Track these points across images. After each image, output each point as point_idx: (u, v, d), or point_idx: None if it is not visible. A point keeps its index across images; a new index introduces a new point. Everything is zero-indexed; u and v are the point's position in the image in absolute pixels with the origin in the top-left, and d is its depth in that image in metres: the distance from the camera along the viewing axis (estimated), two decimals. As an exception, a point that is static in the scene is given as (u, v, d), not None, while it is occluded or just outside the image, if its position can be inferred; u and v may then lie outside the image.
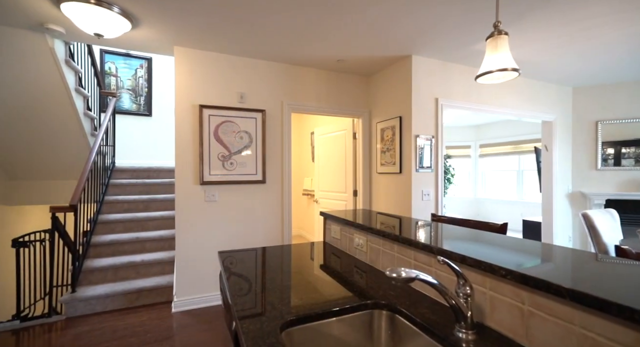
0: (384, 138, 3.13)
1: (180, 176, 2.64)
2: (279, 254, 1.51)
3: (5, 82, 2.79)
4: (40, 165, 3.71)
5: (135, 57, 5.08)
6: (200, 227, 2.71)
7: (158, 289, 2.85)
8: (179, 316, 2.54)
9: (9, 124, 3.16)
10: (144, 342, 2.15)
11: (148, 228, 3.46)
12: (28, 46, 2.52)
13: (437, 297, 0.98)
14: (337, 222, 1.67)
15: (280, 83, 3.02)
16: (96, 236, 3.18)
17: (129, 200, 3.60)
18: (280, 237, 3.03)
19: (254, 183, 2.88)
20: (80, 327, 2.37)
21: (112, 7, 1.96)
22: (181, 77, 2.64)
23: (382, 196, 3.19)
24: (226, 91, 2.79)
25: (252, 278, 1.18)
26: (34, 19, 2.20)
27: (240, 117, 2.81)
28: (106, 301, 2.68)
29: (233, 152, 2.78)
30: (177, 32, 2.36)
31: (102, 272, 2.88)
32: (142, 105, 5.14)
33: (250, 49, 2.67)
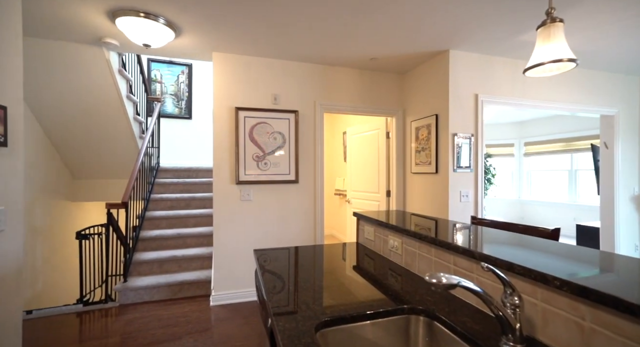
0: (419, 137, 3.02)
1: (217, 175, 2.77)
2: (311, 254, 1.52)
3: (69, 92, 3.11)
4: (97, 165, 4.09)
5: (177, 64, 5.41)
6: (236, 225, 2.82)
7: (198, 282, 3.01)
8: (217, 309, 2.66)
9: (72, 129, 3.53)
10: (186, 332, 2.28)
11: (188, 225, 3.67)
12: (88, 59, 2.79)
13: (479, 305, 0.92)
14: (370, 223, 1.64)
15: (313, 83, 3.04)
16: (144, 231, 3.44)
17: (171, 198, 3.85)
18: (312, 236, 3.05)
19: (287, 183, 2.94)
20: (131, 314, 2.58)
21: (158, 18, 2.10)
22: (219, 81, 2.76)
23: (417, 196, 3.09)
24: (261, 93, 2.87)
25: (286, 277, 1.20)
26: (93, 34, 2.43)
27: (274, 118, 2.87)
28: (152, 291, 2.89)
29: (267, 153, 2.86)
30: (215, 38, 2.47)
31: (149, 265, 3.10)
32: (183, 108, 5.46)
33: (283, 51, 2.72)
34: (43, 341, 2.19)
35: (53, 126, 3.46)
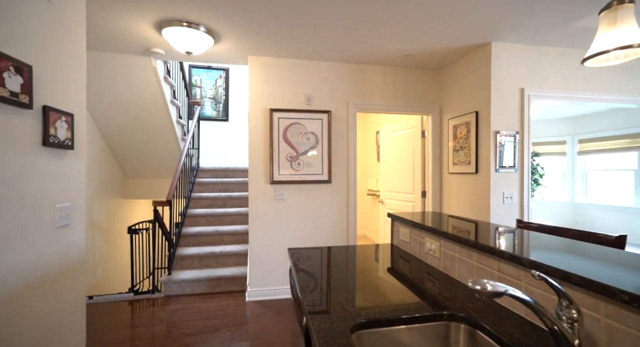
0: (457, 135, 2.88)
1: (253, 175, 2.86)
2: (344, 255, 1.51)
3: (121, 98, 3.40)
4: (145, 165, 4.43)
5: (215, 68, 5.69)
6: (270, 223, 2.89)
7: (234, 278, 3.14)
8: (252, 305, 2.76)
9: (124, 133, 3.86)
10: (223, 325, 2.39)
11: (225, 223, 3.84)
12: (138, 68, 3.03)
13: (528, 316, 0.85)
14: (406, 225, 1.59)
15: (346, 83, 3.02)
16: (185, 227, 3.65)
17: (210, 197, 4.05)
18: (345, 236, 3.04)
19: (320, 183, 2.95)
20: (174, 305, 2.76)
21: (199, 27, 2.22)
22: (254, 84, 2.86)
23: (455, 198, 2.94)
24: (294, 94, 2.92)
25: (320, 277, 1.20)
26: (142, 45, 2.64)
27: (307, 119, 2.90)
28: (193, 284, 3.06)
29: (300, 153, 2.90)
30: (251, 43, 2.55)
31: (190, 260, 3.29)
32: (221, 111, 5.73)
33: (316, 52, 2.74)
34: (101, 323, 2.42)
35: (109, 130, 3.81)
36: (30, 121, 1.19)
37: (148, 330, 2.32)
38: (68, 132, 1.37)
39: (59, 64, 1.35)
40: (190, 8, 2.01)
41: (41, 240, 1.26)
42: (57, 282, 1.36)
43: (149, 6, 2.00)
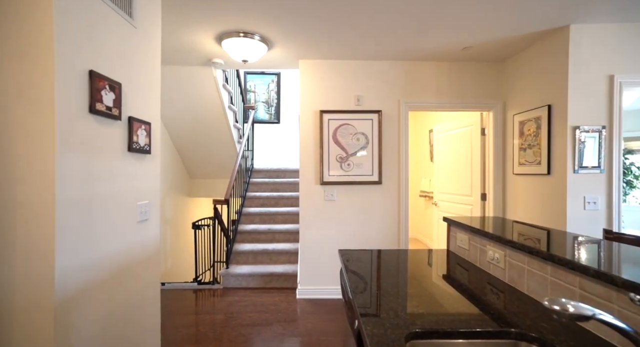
0: (524, 132, 2.59)
1: (303, 176, 2.93)
2: (395, 258, 1.47)
3: (185, 106, 3.77)
4: (206, 166, 4.84)
5: (268, 73, 5.97)
6: (320, 224, 2.93)
7: (285, 275, 3.25)
8: (303, 302, 2.83)
9: (187, 137, 4.26)
10: (276, 319, 2.49)
11: (277, 221, 4.00)
12: (200, 78, 3.32)
13: (620, 344, 0.73)
14: (464, 231, 1.49)
15: (397, 82, 2.93)
16: (241, 224, 3.90)
17: (263, 196, 4.26)
18: (396, 239, 2.95)
19: (370, 184, 2.91)
20: (232, 297, 2.96)
21: (254, 36, 2.36)
22: (305, 87, 2.93)
23: (521, 201, 2.66)
24: (344, 95, 2.92)
25: (370, 280, 1.18)
26: (204, 57, 2.89)
27: (356, 119, 2.89)
28: (248, 279, 3.25)
29: (350, 154, 2.89)
30: (301, 47, 2.62)
31: (245, 255, 3.51)
32: (273, 114, 5.99)
33: (366, 51, 2.71)
34: (171, 308, 2.70)
35: (176, 135, 4.24)
36: (119, 130, 1.38)
37: (209, 317, 2.53)
38: (146, 139, 1.56)
39: (141, 80, 1.55)
40: (247, 19, 2.14)
41: (127, 232, 1.46)
42: (138, 269, 1.56)
43: (212, 22, 2.18)
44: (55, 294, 1.08)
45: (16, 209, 1.07)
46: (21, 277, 1.07)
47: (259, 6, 1.97)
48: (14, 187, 1.07)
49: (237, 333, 2.27)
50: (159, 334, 1.78)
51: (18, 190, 1.07)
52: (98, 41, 1.25)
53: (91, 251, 1.24)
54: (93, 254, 1.25)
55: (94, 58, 1.23)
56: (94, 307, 1.26)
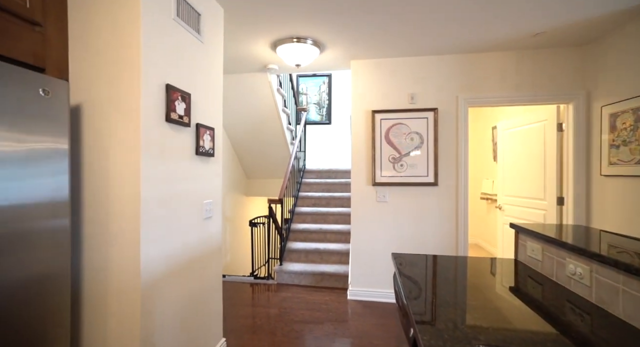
0: (617, 127, 2.22)
1: (355, 177, 2.92)
2: (452, 265, 1.38)
3: (242, 110, 4.03)
4: (261, 167, 5.12)
5: (319, 75, 6.08)
6: (372, 225, 2.89)
7: (336, 275, 3.28)
8: (354, 303, 2.82)
9: (244, 139, 4.56)
10: (327, 318, 2.52)
11: (328, 221, 4.05)
12: (256, 83, 3.53)
13: None
14: (537, 239, 1.33)
15: (454, 77, 2.75)
16: (293, 223, 4.04)
17: (314, 197, 4.35)
18: (453, 245, 2.76)
19: (425, 185, 2.77)
20: (285, 293, 3.08)
21: (306, 40, 2.42)
22: (356, 87, 2.91)
23: (611, 208, 2.28)
24: (397, 94, 2.84)
25: (425, 286, 1.13)
26: (260, 63, 3.06)
27: (410, 118, 2.78)
28: (300, 276, 3.35)
29: (403, 154, 2.79)
30: (353, 48, 2.61)
31: (297, 253, 3.62)
32: (324, 115, 6.08)
33: (419, 47, 2.59)
34: (230, 299, 2.92)
35: (234, 138, 4.57)
36: (188, 136, 1.54)
37: (264, 311, 2.67)
38: (210, 143, 1.71)
39: (206, 89, 1.71)
40: (299, 25, 2.21)
41: (196, 227, 1.62)
42: (205, 261, 1.72)
43: (267, 30, 2.30)
44: (141, 279, 1.24)
45: (111, 204, 1.26)
46: (116, 263, 1.26)
47: (311, 11, 2.02)
48: (110, 186, 1.26)
49: (289, 328, 2.36)
50: (222, 320, 1.94)
51: (113, 190, 1.26)
52: (173, 57, 1.42)
53: (167, 242, 1.40)
54: (169, 246, 1.41)
55: (170, 72, 1.40)
56: (170, 292, 1.43)
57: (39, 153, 1.05)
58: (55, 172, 1.10)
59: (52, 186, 1.09)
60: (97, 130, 1.27)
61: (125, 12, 1.23)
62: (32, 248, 1.03)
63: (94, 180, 1.27)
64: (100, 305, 1.28)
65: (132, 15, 1.23)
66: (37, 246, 1.04)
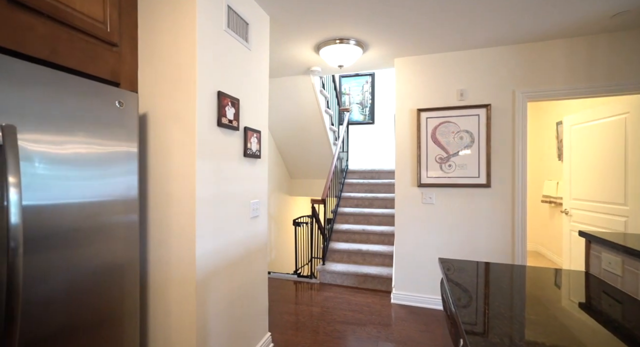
0: None
1: (399, 177, 2.84)
2: (508, 274, 1.26)
3: (287, 113, 4.15)
4: (304, 168, 5.22)
5: (362, 75, 6.02)
6: (417, 228, 2.78)
7: (379, 277, 3.21)
8: (397, 307, 2.74)
9: (288, 140, 4.69)
10: (369, 321, 2.49)
11: (372, 222, 3.99)
12: (299, 86, 3.61)
13: None
14: (615, 251, 1.16)
15: (510, 70, 2.52)
16: (336, 224, 4.05)
17: (357, 197, 4.31)
18: (509, 252, 2.54)
19: (476, 187, 2.59)
20: (327, 293, 3.11)
21: (349, 41, 2.42)
22: (400, 85, 2.83)
23: None
24: (444, 91, 2.69)
25: (476, 295, 1.05)
26: (304, 66, 3.13)
27: (459, 116, 2.61)
28: (342, 277, 3.35)
29: (451, 154, 2.64)
30: (397, 45, 2.54)
31: (340, 254, 3.63)
32: (367, 115, 5.99)
33: (471, 40, 2.42)
34: (275, 296, 3.03)
35: (279, 139, 4.73)
36: (237, 139, 1.64)
37: (307, 309, 2.72)
38: (257, 145, 1.80)
39: (253, 94, 1.80)
40: (343, 27, 2.22)
41: (244, 226, 1.72)
42: (252, 257, 1.81)
43: (311, 34, 2.34)
44: (196, 272, 1.36)
45: (172, 204, 1.39)
46: (175, 256, 1.39)
47: (355, 12, 2.01)
48: (171, 186, 1.39)
49: (332, 328, 2.37)
50: (267, 315, 2.03)
51: (173, 189, 1.39)
52: (224, 65, 1.52)
53: (219, 239, 1.51)
54: (220, 242, 1.52)
55: (221, 80, 1.50)
56: (222, 285, 1.53)
57: (115, 156, 1.20)
58: (127, 173, 1.25)
59: (124, 185, 1.24)
60: (160, 135, 1.41)
61: (183, 32, 1.36)
62: (109, 240, 1.18)
63: (157, 180, 1.42)
64: (163, 292, 1.42)
65: (189, 33, 1.35)
66: (113, 238, 1.19)
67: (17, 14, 0.98)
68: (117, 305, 1.20)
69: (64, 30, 1.11)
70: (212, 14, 1.44)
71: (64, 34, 1.11)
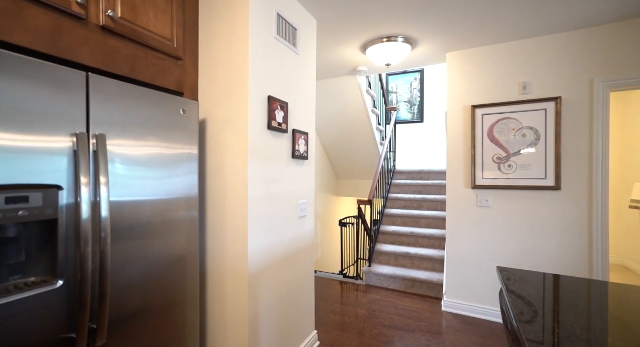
0: None
1: (451, 179, 2.68)
2: (584, 289, 1.11)
3: (333, 114, 4.18)
4: (350, 168, 5.20)
5: (410, 72, 5.80)
6: (471, 233, 2.60)
7: (429, 283, 3.06)
8: (449, 316, 2.58)
9: (334, 141, 4.72)
10: (418, 328, 2.39)
11: (421, 225, 3.82)
12: (345, 86, 3.62)
13: None
14: None
15: (587, 57, 2.22)
16: (383, 225, 3.96)
17: (405, 198, 4.17)
18: (585, 264, 2.23)
19: (542, 189, 2.33)
20: (374, 295, 3.06)
21: (397, 38, 2.35)
22: (453, 81, 2.67)
23: None
24: (503, 85, 2.47)
25: (543, 310, 0.95)
26: (350, 67, 3.13)
27: (522, 112, 2.38)
28: (389, 280, 3.27)
29: (512, 153, 2.41)
30: (449, 39, 2.40)
31: (386, 256, 3.54)
32: (416, 113, 5.76)
33: (535, 26, 2.18)
34: (321, 295, 3.08)
35: (325, 140, 4.78)
36: (286, 141, 1.71)
37: (353, 310, 2.71)
38: (305, 147, 1.85)
39: (301, 97, 1.85)
40: (391, 24, 2.16)
41: (292, 225, 1.78)
42: (300, 256, 1.87)
43: (358, 34, 2.33)
44: (249, 267, 1.44)
45: (227, 202, 1.50)
46: (229, 252, 1.50)
47: (402, 7, 1.95)
48: (226, 187, 1.51)
49: (378, 332, 2.33)
50: (314, 313, 2.07)
51: (228, 188, 1.50)
52: (273, 71, 1.59)
53: (269, 237, 1.58)
54: (270, 240, 1.59)
55: (271, 85, 1.57)
56: (271, 281, 1.61)
57: (179, 158, 1.33)
58: (189, 173, 1.38)
59: (187, 184, 1.37)
60: (216, 139, 1.53)
61: (237, 43, 1.46)
62: (175, 234, 1.32)
63: (214, 180, 1.54)
64: (220, 284, 1.54)
65: (243, 44, 1.44)
66: (178, 232, 1.33)
67: (108, 40, 1.15)
68: (180, 292, 1.33)
69: (140, 50, 1.27)
70: (263, 23, 1.52)
71: (140, 53, 1.27)
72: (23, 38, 0.91)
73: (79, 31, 1.05)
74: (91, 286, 0.95)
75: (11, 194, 0.83)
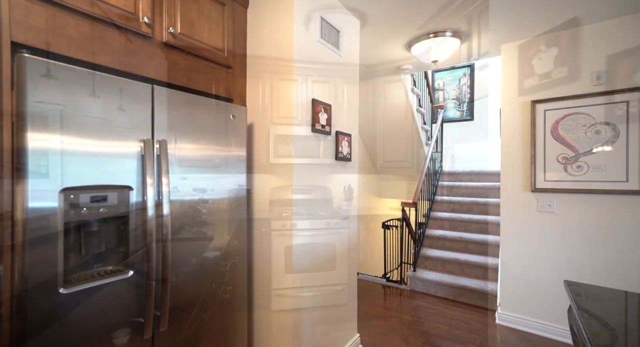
0: None
1: (506, 180, 2.46)
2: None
3: (376, 114, 4.10)
4: (394, 169, 5.06)
5: (458, 67, 5.46)
6: (530, 240, 2.36)
7: (479, 292, 2.85)
8: (504, 330, 2.38)
9: (378, 141, 4.62)
10: (469, 340, 2.24)
11: (470, 230, 3.57)
12: (390, 86, 3.54)
13: None
14: None
15: (681, 36, 1.88)
16: (428, 229, 3.79)
17: (453, 201, 3.94)
18: (677, 282, 1.89)
19: (622, 193, 2.03)
20: (419, 301, 2.94)
21: (445, 33, 2.23)
22: (509, 76, 2.45)
23: None
24: (570, 76, 2.21)
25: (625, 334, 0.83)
26: (394, 65, 3.05)
27: (594, 105, 2.10)
28: (436, 286, 3.11)
29: (582, 152, 2.14)
30: (504, 29, 2.21)
31: (433, 261, 3.38)
32: (465, 111, 5.41)
33: (610, 6, 1.91)
34: (363, 298, 3.03)
35: (369, 141, 4.72)
36: (329, 143, 1.72)
37: (397, 315, 2.63)
38: (348, 149, 1.84)
39: (344, 98, 1.85)
40: (437, 18, 2.06)
41: (335, 226, 1.78)
42: (342, 257, 1.87)
43: (402, 32, 2.26)
44: (293, 266, 1.48)
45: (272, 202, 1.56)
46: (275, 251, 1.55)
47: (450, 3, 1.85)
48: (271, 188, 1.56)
49: (424, 340, 2.23)
50: (356, 316, 2.05)
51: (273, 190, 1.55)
52: (317, 74, 1.61)
53: (313, 237, 1.60)
54: (314, 240, 1.61)
55: (314, 87, 1.60)
56: (314, 280, 1.63)
57: (229, 159, 1.42)
58: (238, 173, 1.46)
59: (236, 184, 1.45)
60: (262, 141, 1.60)
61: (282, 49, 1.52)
62: (226, 232, 1.40)
63: (260, 181, 1.61)
64: (266, 281, 1.60)
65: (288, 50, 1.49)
66: (229, 230, 1.41)
67: (169, 54, 1.27)
68: (230, 287, 1.42)
69: (196, 61, 1.38)
70: (307, 28, 1.55)
71: (196, 64, 1.37)
72: (105, 59, 1.05)
73: (147, 48, 1.18)
74: (155, 277, 1.06)
75: (95, 193, 0.96)
